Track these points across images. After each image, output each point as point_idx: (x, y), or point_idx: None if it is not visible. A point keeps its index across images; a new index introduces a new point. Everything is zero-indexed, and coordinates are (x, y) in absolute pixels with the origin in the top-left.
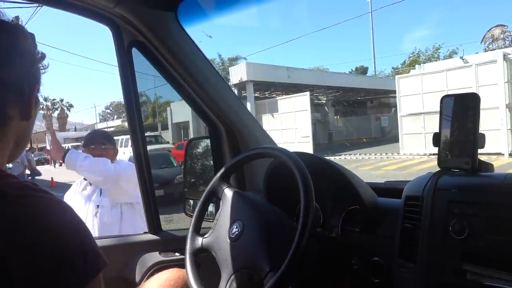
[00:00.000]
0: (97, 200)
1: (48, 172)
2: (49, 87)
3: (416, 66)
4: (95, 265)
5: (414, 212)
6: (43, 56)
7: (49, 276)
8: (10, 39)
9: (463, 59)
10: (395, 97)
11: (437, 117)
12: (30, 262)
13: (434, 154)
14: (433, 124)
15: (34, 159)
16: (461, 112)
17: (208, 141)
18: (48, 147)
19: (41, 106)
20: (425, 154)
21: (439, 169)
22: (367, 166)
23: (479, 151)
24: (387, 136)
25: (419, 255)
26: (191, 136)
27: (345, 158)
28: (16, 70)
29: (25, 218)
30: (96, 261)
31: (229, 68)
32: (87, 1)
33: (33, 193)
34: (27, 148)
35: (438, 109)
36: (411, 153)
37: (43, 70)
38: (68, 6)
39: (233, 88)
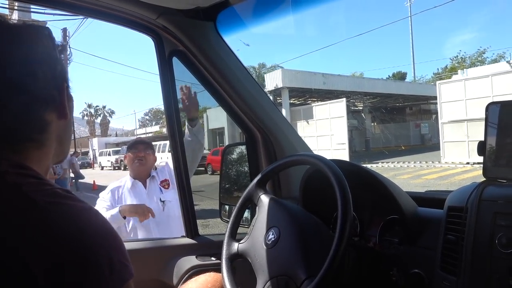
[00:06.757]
0: (158, 195)
1: (90, 176)
2: (93, 95)
3: (459, 71)
4: (121, 276)
5: (457, 224)
6: (63, 48)
7: (75, 284)
8: (25, 49)
9: (510, 64)
10: (436, 103)
11: (481, 124)
12: (56, 269)
13: (478, 163)
14: (477, 131)
15: (78, 163)
16: (508, 119)
17: (244, 148)
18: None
19: (85, 113)
20: (468, 163)
21: (484, 179)
22: (406, 174)
23: None
24: (427, 143)
25: (463, 268)
26: (226, 142)
27: (382, 166)
28: (40, 79)
29: (53, 225)
30: (123, 272)
31: (265, 75)
32: (131, 13)
33: (62, 201)
34: (71, 152)
35: (483, 116)
36: (453, 161)
37: (68, 61)
38: (114, 18)
39: (268, 95)
